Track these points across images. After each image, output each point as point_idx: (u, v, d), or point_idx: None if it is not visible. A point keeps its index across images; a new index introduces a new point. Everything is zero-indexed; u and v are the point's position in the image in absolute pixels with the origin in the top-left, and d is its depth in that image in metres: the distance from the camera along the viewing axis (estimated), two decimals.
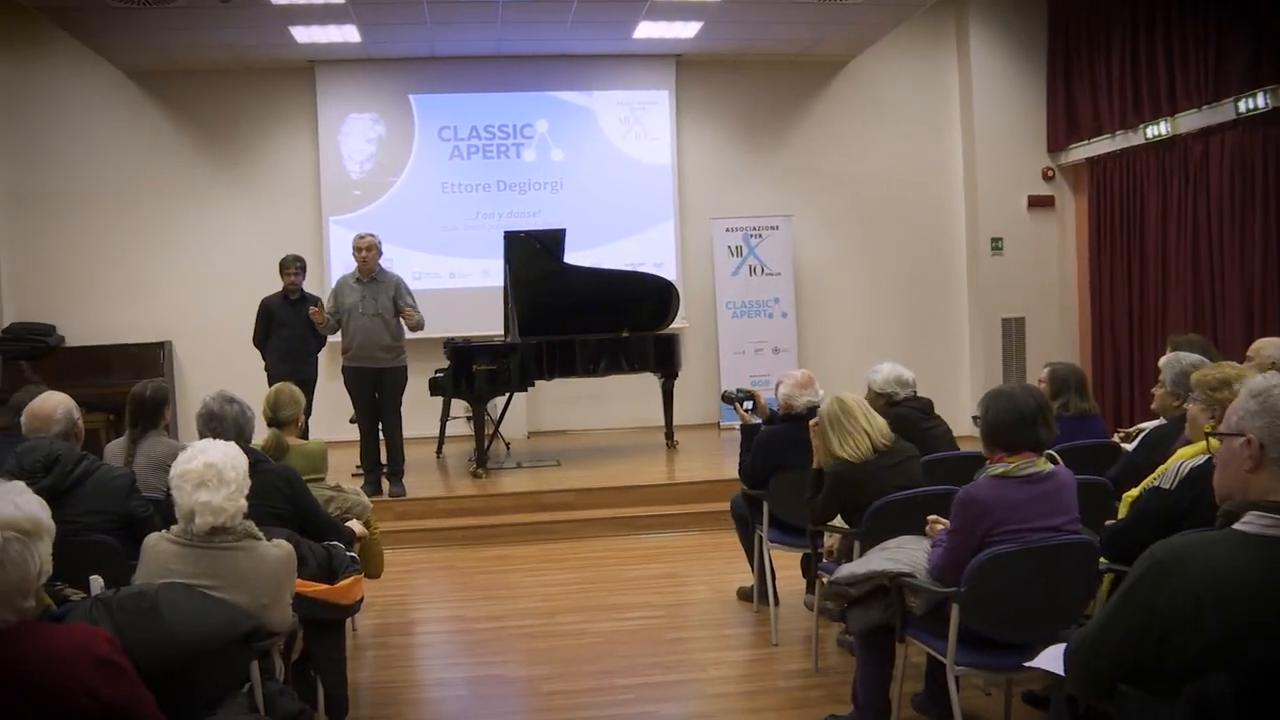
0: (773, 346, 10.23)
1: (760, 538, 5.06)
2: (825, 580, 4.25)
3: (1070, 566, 3.24)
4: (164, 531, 2.96)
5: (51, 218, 9.89)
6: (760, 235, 10.24)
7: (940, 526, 3.48)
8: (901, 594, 3.41)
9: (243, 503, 2.93)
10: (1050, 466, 3.30)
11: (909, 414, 4.88)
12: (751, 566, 5.35)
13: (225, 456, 2.95)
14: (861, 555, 3.79)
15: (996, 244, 10.32)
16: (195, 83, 9.95)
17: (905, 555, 3.49)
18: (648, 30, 9.43)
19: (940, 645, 3.30)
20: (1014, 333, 10.32)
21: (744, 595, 5.51)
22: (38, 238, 9.89)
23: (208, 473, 2.88)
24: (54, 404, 4.08)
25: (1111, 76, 9.12)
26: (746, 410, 5.34)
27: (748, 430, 5.18)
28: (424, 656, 5.15)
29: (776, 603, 5.04)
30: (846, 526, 4.25)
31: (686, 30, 9.46)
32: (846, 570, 3.62)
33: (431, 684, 4.71)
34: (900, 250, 10.68)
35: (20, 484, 2.09)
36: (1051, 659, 2.53)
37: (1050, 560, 3.19)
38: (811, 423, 4.33)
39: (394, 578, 5.69)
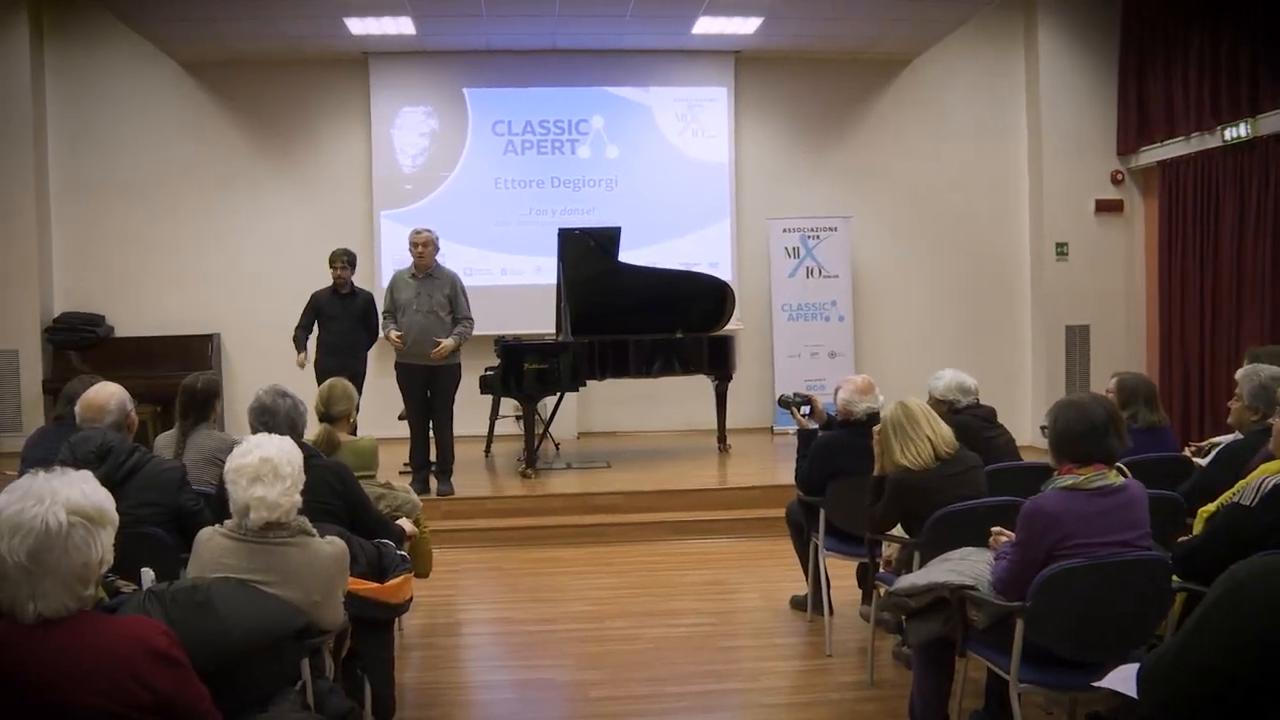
0: (829, 350, 10.17)
1: (816, 545, 5.03)
2: (883, 590, 4.20)
3: (1141, 583, 3.17)
4: (218, 526, 3.00)
5: (104, 207, 10.08)
6: (818, 236, 10.18)
7: (1004, 539, 3.43)
8: (963, 607, 3.36)
9: (297, 498, 2.96)
10: (1121, 479, 3.23)
11: (971, 422, 4.83)
12: (806, 574, 5.32)
13: (281, 452, 2.97)
14: (921, 566, 3.75)
15: (1061, 249, 10.16)
16: (249, 74, 10.10)
17: (968, 567, 3.45)
18: (707, 25, 9.41)
19: (1003, 661, 3.25)
20: (1078, 341, 10.16)
21: (797, 604, 5.48)
22: (90, 226, 10.08)
23: (263, 468, 2.91)
24: (108, 394, 4.15)
25: (1188, 76, 8.94)
26: (804, 415, 5.32)
27: (805, 435, 5.16)
28: (471, 658, 5.18)
29: (831, 613, 4.99)
30: (906, 536, 4.21)
31: (746, 26, 9.42)
32: (907, 581, 3.58)
33: (478, 686, 4.73)
34: (961, 254, 10.56)
35: (87, 472, 2.12)
36: (1122, 680, 2.48)
37: (1120, 576, 3.13)
38: (875, 428, 4.29)
39: (441, 578, 5.71)
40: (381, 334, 7.59)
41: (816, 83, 10.49)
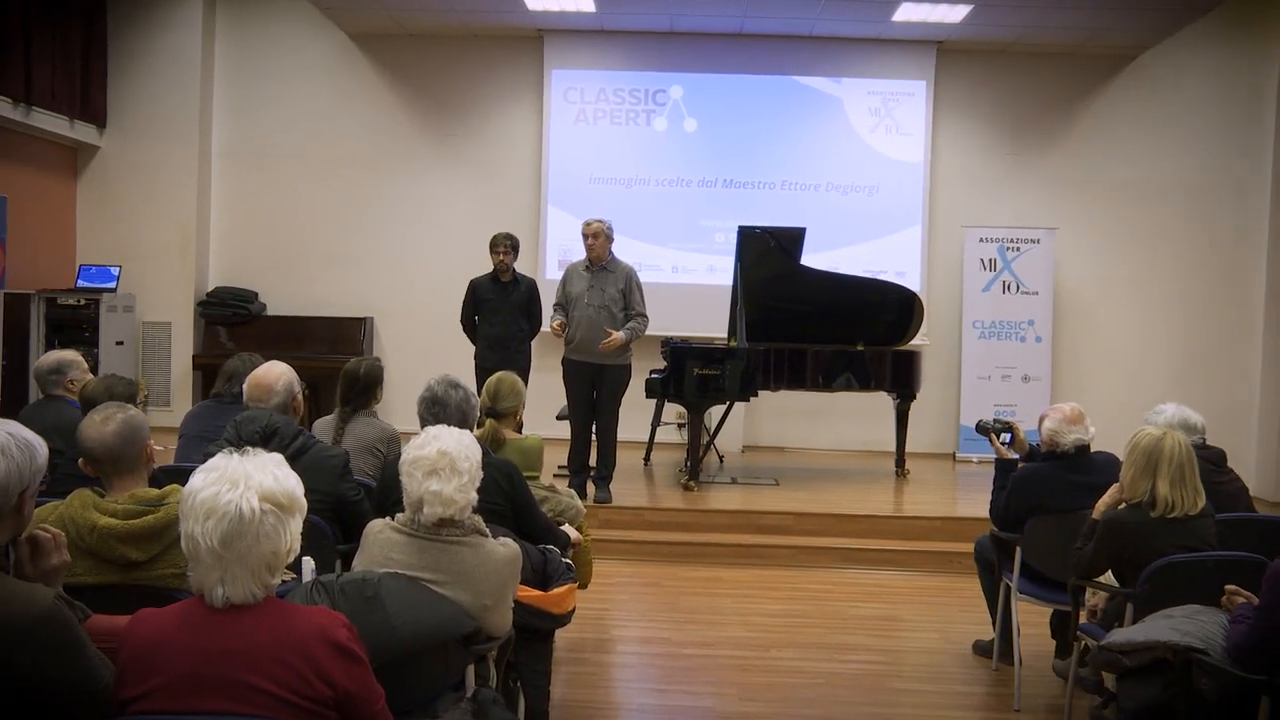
0: (1023, 374, 9.86)
1: (1008, 586, 4.86)
2: (1086, 643, 4.02)
3: None
4: (388, 519, 3.08)
5: (263, 180, 10.58)
6: (1018, 248, 9.88)
7: (1241, 599, 3.24)
8: (1189, 672, 3.18)
9: (474, 495, 3.01)
10: None
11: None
12: (993, 618, 5.15)
13: (460, 445, 3.02)
14: (1135, 621, 3.57)
15: None
16: (418, 48, 10.43)
17: (1195, 627, 3.26)
18: (909, 13, 9.25)
19: None
20: None
21: (981, 650, 5.31)
22: (248, 200, 10.60)
23: (441, 461, 2.96)
24: (276, 374, 4.30)
25: None
26: (1003, 444, 5.14)
27: (1004, 466, 5.00)
28: (624, 678, 5.19)
29: (1020, 663, 4.81)
30: (1117, 585, 4.02)
31: (952, 14, 9.21)
32: (1122, 636, 3.41)
33: (632, 709, 4.74)
34: (1185, 274, 10.09)
35: (279, 456, 2.22)
36: None
37: None
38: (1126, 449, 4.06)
39: (594, 590, 5.72)
40: (546, 325, 7.69)
41: (1025, 79, 10.20)
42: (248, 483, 2.09)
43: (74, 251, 10.26)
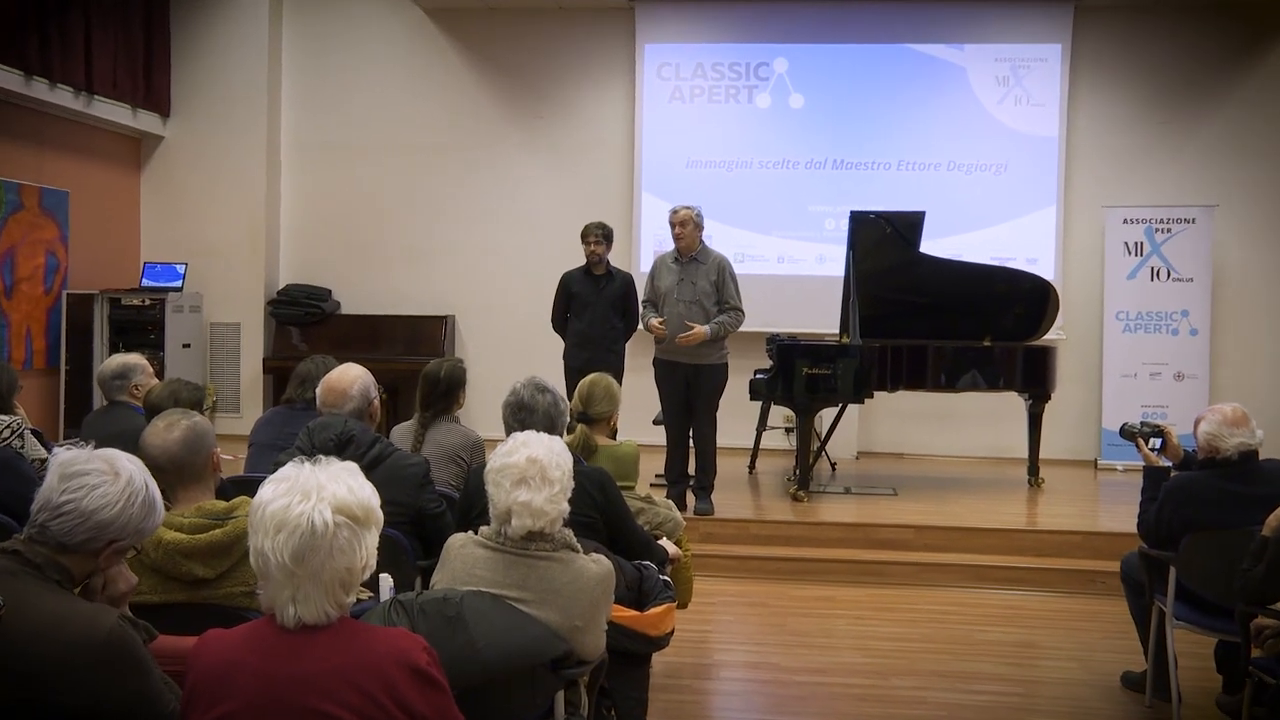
0: (1175, 371, 9.62)
1: (1161, 611, 4.72)
2: (1261, 679, 3.87)
3: None
4: (472, 532, 3.09)
5: (336, 170, 10.79)
6: (1169, 229, 9.64)
7: None
8: None
9: (565, 507, 3.01)
10: None
11: None
12: (1144, 647, 5.00)
13: (550, 453, 3.02)
14: None
15: None
16: (500, 23, 10.54)
17: None
18: None
19: None
20: None
21: (1131, 683, 5.16)
22: (320, 192, 10.82)
23: (530, 469, 2.96)
24: (351, 378, 4.37)
25: None
26: (1153, 450, 5.00)
27: (1154, 474, 4.86)
28: (727, 707, 5.18)
29: (1180, 700, 4.67)
30: None
31: None
32: None
33: None
34: None
35: (353, 464, 2.23)
36: None
37: None
38: None
39: (695, 610, 5.70)
40: (641, 324, 7.70)
41: (1177, 36, 9.97)
42: (320, 494, 2.11)
43: (138, 248, 10.61)
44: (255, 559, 2.11)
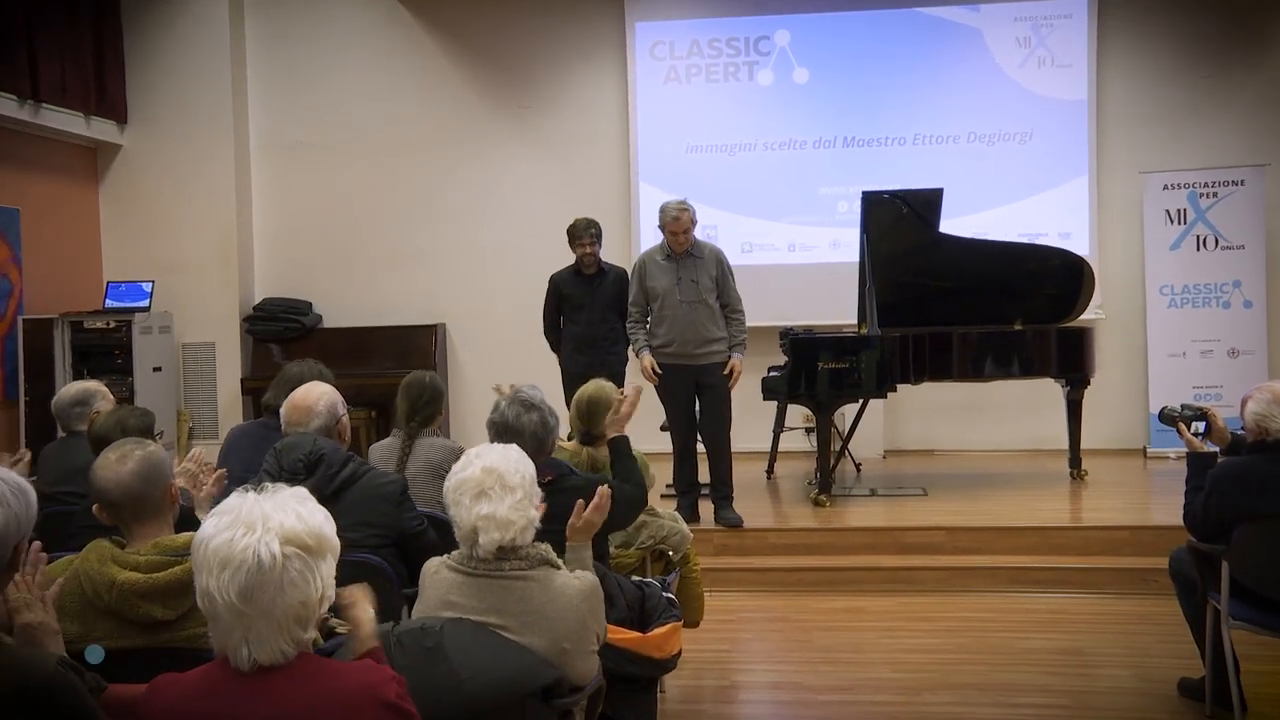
0: (1228, 347, 9.60)
1: (1216, 611, 4.69)
2: None
3: None
4: (445, 556, 3.09)
5: (307, 174, 10.81)
6: (1215, 194, 9.62)
7: None
8: None
9: (533, 514, 3.01)
10: None
11: None
12: (1201, 651, 4.97)
13: (507, 460, 3.04)
14: None
15: None
16: (479, 6, 10.56)
17: None
18: None
19: None
20: None
21: (1189, 690, 5.13)
22: (292, 197, 10.83)
23: (488, 479, 2.97)
24: (316, 395, 4.40)
25: None
26: (1196, 435, 4.97)
27: (1199, 461, 4.84)
28: None
29: (1244, 709, 4.65)
30: None
31: None
32: None
33: None
34: None
35: (302, 489, 2.23)
36: None
37: None
38: None
39: (711, 628, 5.75)
40: (632, 351, 7.64)
41: None
42: (266, 524, 2.10)
43: (100, 267, 10.60)
44: (201, 599, 2.10)
